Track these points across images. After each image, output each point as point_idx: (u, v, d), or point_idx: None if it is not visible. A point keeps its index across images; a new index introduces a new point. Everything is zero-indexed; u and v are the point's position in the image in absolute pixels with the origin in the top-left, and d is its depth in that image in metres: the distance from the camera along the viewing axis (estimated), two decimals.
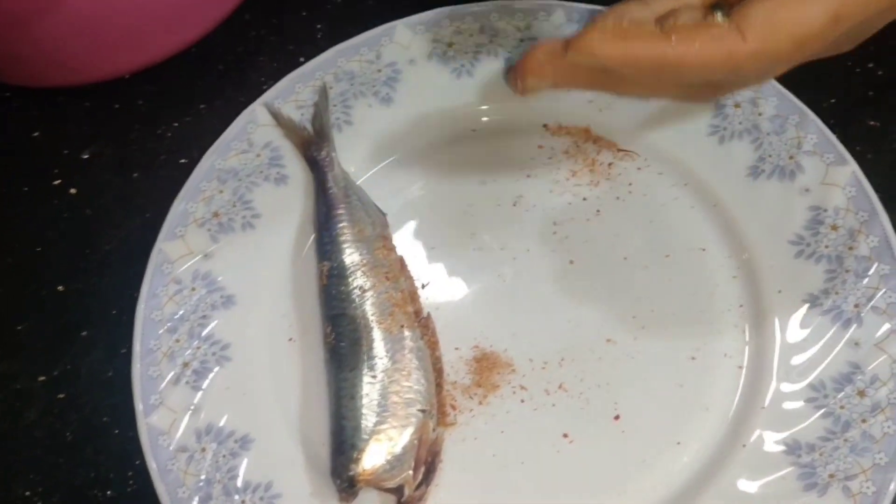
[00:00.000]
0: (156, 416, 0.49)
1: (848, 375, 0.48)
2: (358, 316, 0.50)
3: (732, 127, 0.55)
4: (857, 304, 0.49)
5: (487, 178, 0.57)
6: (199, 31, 0.61)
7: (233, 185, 0.55)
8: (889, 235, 0.50)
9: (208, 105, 0.62)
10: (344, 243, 0.52)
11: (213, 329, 0.52)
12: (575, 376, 0.50)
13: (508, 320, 0.52)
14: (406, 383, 0.48)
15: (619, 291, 0.53)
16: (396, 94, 0.58)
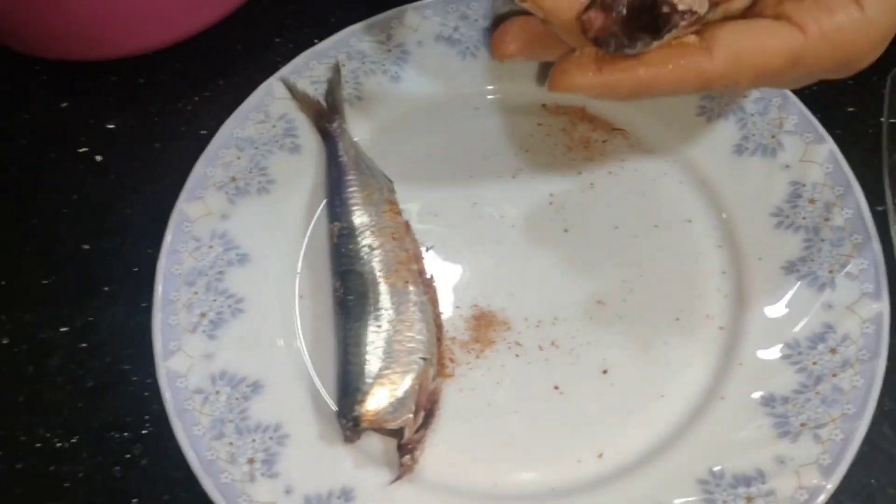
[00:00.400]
0: (174, 360, 0.52)
1: (821, 335, 0.51)
2: (366, 272, 0.53)
3: (719, 108, 0.59)
4: (831, 270, 0.52)
5: (489, 153, 0.60)
6: (220, 13, 0.65)
7: (250, 153, 0.59)
8: (862, 208, 0.53)
9: (227, 81, 0.65)
10: (354, 206, 0.55)
11: (229, 284, 0.55)
12: (567, 334, 0.54)
13: (506, 283, 0.56)
14: (409, 333, 0.51)
15: (610, 258, 0.56)
16: (405, 73, 0.62)
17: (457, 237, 0.57)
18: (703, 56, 0.38)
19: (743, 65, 0.39)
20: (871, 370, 0.49)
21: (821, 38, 0.39)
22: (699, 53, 0.39)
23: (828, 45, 0.39)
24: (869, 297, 0.51)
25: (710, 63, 0.38)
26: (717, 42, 0.39)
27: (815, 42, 0.39)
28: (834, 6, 0.39)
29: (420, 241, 0.57)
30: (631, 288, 0.55)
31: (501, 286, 0.56)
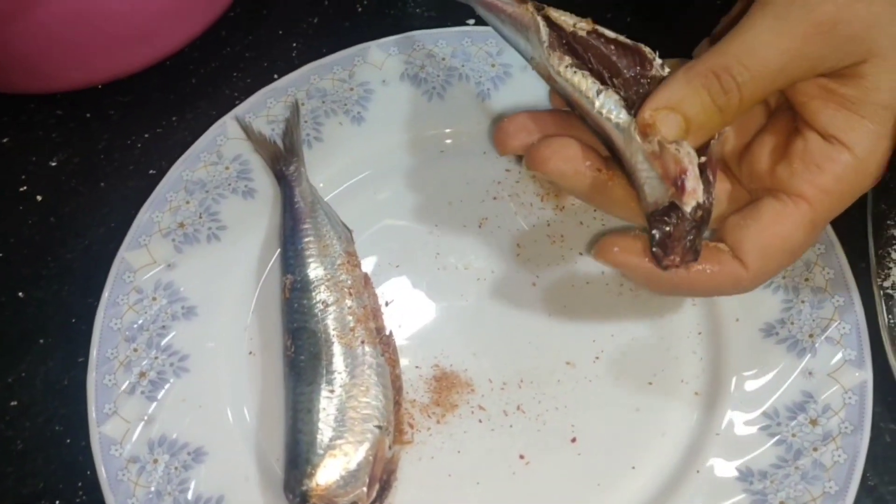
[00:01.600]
0: (109, 425, 0.48)
1: (801, 404, 0.48)
2: (319, 330, 0.49)
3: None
4: (811, 334, 0.50)
5: (454, 199, 0.57)
6: (175, 45, 0.61)
7: (200, 197, 0.55)
8: (844, 268, 0.51)
9: (180, 118, 0.62)
10: (309, 257, 0.52)
11: (172, 340, 0.51)
12: (533, 398, 0.51)
13: (469, 340, 0.52)
14: (364, 399, 0.48)
15: (580, 315, 0.53)
16: (368, 114, 0.59)
17: (418, 291, 0.54)
18: (736, 264, 0.42)
19: (771, 258, 0.42)
20: (854, 445, 0.46)
21: (825, 197, 0.41)
22: (732, 262, 0.42)
23: (833, 198, 0.41)
24: (851, 364, 0.48)
25: (744, 271, 0.41)
26: (744, 251, 0.41)
27: (821, 203, 0.41)
28: (822, 162, 0.41)
29: (379, 295, 0.53)
30: (601, 348, 0.52)
31: (465, 344, 0.52)
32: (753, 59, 0.40)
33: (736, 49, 0.40)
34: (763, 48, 0.39)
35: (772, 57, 0.39)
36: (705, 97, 0.40)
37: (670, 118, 0.40)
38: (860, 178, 0.41)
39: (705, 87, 0.40)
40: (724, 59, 0.40)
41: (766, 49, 0.39)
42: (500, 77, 0.59)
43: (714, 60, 0.40)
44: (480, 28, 0.61)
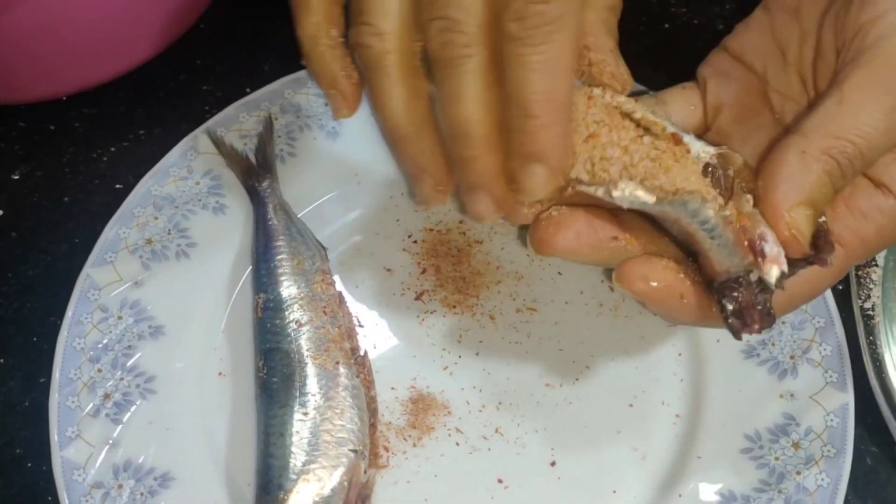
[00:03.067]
0: (72, 449, 0.46)
1: (783, 427, 0.48)
2: (292, 350, 0.48)
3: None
4: (792, 356, 0.49)
5: (432, 216, 0.56)
6: (143, 56, 0.60)
7: (169, 213, 0.54)
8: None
9: (148, 131, 0.60)
10: (282, 276, 0.50)
11: (139, 360, 0.49)
12: (512, 420, 0.50)
13: (446, 361, 0.51)
14: (339, 422, 0.46)
15: (560, 336, 0.52)
16: (343, 129, 0.58)
17: (394, 310, 0.53)
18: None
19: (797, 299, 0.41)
20: (837, 468, 0.46)
21: (862, 246, 0.40)
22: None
23: (868, 248, 0.41)
24: (833, 386, 0.48)
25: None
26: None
27: (856, 252, 0.41)
28: (869, 210, 0.40)
29: (353, 314, 0.52)
30: (581, 370, 0.51)
31: (441, 365, 0.51)
32: (866, 138, 0.38)
33: (847, 128, 0.38)
34: (875, 125, 0.38)
35: (884, 134, 0.38)
36: (827, 182, 0.38)
37: (808, 214, 0.38)
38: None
39: (826, 173, 0.38)
40: (837, 142, 0.38)
41: (878, 127, 0.38)
42: None
43: (827, 143, 0.38)
44: None
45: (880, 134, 0.38)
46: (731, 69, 0.46)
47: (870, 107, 0.38)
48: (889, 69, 0.38)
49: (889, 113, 0.38)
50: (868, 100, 0.38)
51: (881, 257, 0.51)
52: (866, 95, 0.38)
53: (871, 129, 0.38)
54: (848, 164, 0.38)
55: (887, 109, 0.38)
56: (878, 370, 0.49)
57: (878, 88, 0.38)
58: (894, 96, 0.38)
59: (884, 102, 0.38)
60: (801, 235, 0.38)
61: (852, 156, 0.38)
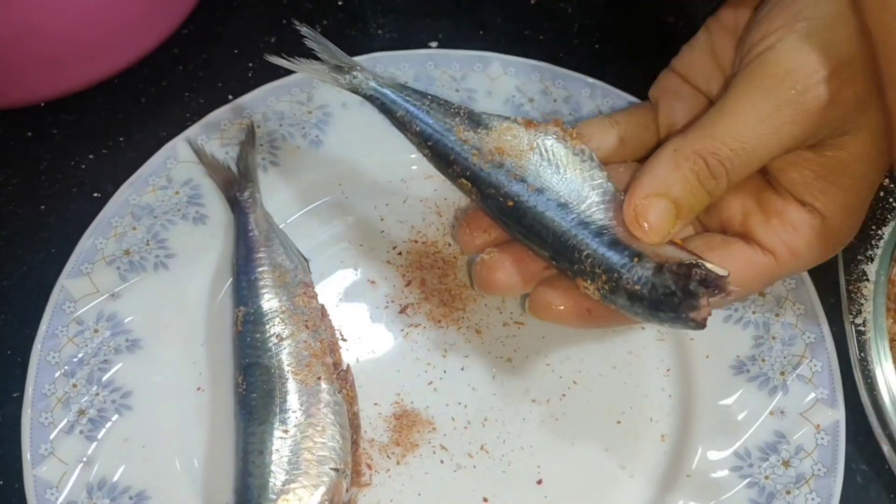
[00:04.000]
0: (44, 467, 0.45)
1: (773, 444, 0.47)
2: (273, 366, 0.47)
3: None
4: (782, 372, 0.48)
5: (416, 228, 0.55)
6: (124, 62, 0.58)
7: (147, 223, 0.52)
8: (815, 304, 0.50)
9: (127, 138, 0.59)
10: (262, 288, 0.49)
11: (115, 375, 0.48)
12: (498, 437, 0.48)
13: (431, 376, 0.50)
14: (320, 439, 0.45)
15: (547, 351, 0.51)
16: (326, 138, 0.57)
17: (377, 324, 0.52)
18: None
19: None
20: (827, 488, 0.45)
21: (793, 259, 0.42)
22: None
23: (800, 262, 0.42)
24: (823, 403, 0.47)
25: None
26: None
27: (788, 264, 0.42)
28: (799, 226, 0.42)
29: (336, 328, 0.51)
30: (568, 386, 0.50)
31: (426, 381, 0.50)
32: (741, 141, 0.39)
33: (723, 131, 0.39)
34: (751, 130, 0.39)
35: (760, 139, 0.39)
36: (694, 181, 0.40)
37: (661, 204, 0.40)
38: (830, 245, 0.42)
39: (694, 172, 0.40)
40: (711, 143, 0.39)
41: (754, 131, 0.39)
42: (465, 102, 0.58)
43: (701, 143, 0.40)
44: (443, 51, 0.60)
45: (757, 137, 0.39)
46: (680, 89, 0.48)
47: (746, 111, 0.39)
48: (766, 78, 0.39)
49: (766, 118, 0.39)
50: (745, 105, 0.39)
51: (872, 272, 0.50)
52: (744, 101, 0.40)
53: (748, 133, 0.39)
54: (718, 166, 0.39)
55: (763, 115, 0.39)
56: (869, 386, 0.48)
57: (756, 95, 0.39)
58: (771, 103, 0.39)
59: (760, 108, 0.39)
60: (643, 219, 0.39)
61: (724, 158, 0.39)
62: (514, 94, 0.58)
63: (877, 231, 0.51)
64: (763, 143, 0.39)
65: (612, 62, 0.61)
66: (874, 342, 0.49)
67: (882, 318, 0.49)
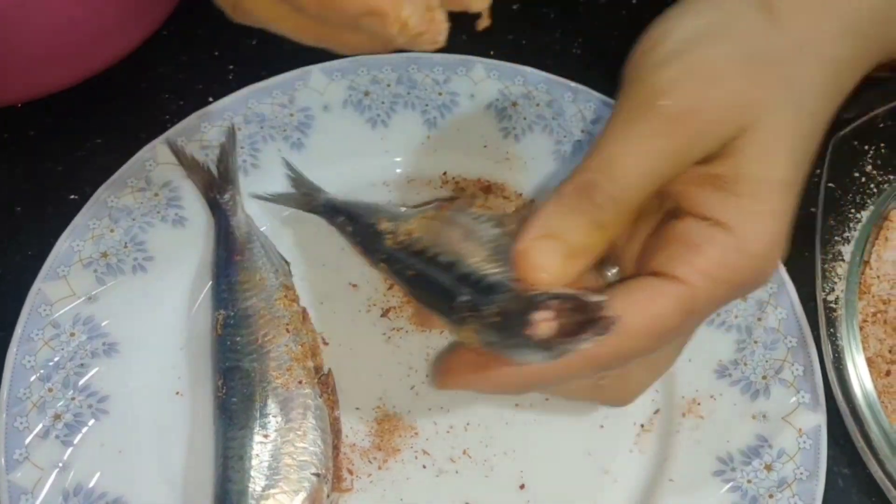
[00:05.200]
0: (19, 472, 0.44)
1: (755, 448, 0.47)
2: (253, 370, 0.46)
3: None
4: (765, 376, 0.49)
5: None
6: (102, 63, 0.58)
7: (125, 225, 0.52)
8: (796, 308, 0.50)
9: (105, 140, 0.58)
10: (243, 291, 0.49)
11: (92, 379, 0.47)
12: (480, 442, 0.48)
13: (413, 380, 0.50)
14: (300, 444, 0.44)
15: None
16: (308, 140, 0.56)
17: (360, 327, 0.51)
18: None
19: (638, 336, 0.36)
20: (810, 492, 0.45)
21: (705, 281, 0.36)
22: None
23: (717, 283, 0.36)
24: (805, 407, 0.47)
25: (601, 347, 0.35)
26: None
27: (702, 288, 0.36)
28: (701, 243, 0.36)
29: (318, 331, 0.50)
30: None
31: (408, 385, 0.50)
32: (618, 168, 0.36)
33: (598, 162, 0.37)
34: (624, 156, 0.36)
35: (636, 163, 0.36)
36: (580, 217, 0.36)
37: (548, 245, 0.36)
38: (748, 260, 0.36)
39: (577, 208, 0.36)
40: (588, 175, 0.37)
41: (629, 156, 0.36)
42: (447, 105, 0.57)
43: (579, 178, 0.37)
44: (426, 55, 0.59)
45: (634, 157, 0.36)
46: None
47: (622, 136, 0.37)
48: (640, 99, 0.37)
49: (639, 137, 0.36)
50: (620, 130, 0.37)
51: (847, 252, 0.51)
52: (619, 126, 0.37)
53: (624, 157, 0.36)
54: (604, 200, 0.36)
55: (636, 135, 0.36)
56: (836, 362, 0.48)
57: (630, 117, 0.37)
58: (643, 120, 0.36)
59: (633, 128, 0.37)
60: (531, 262, 0.36)
61: (605, 186, 0.36)
62: (497, 97, 0.58)
63: (856, 214, 0.53)
64: (641, 165, 0.36)
65: (594, 67, 0.62)
66: (845, 320, 0.49)
67: (854, 296, 0.50)
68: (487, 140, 0.57)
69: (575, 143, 0.56)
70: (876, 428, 0.46)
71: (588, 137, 0.56)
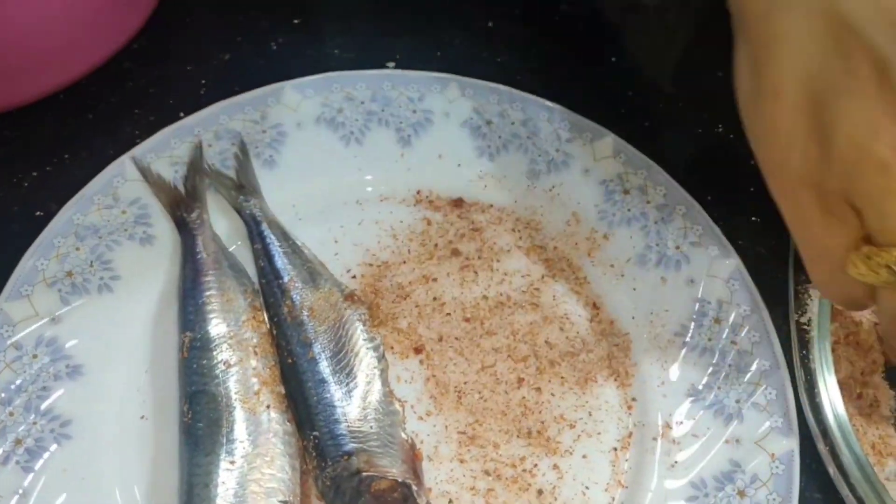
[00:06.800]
0: None
1: (729, 473, 0.46)
2: (220, 393, 0.45)
3: (621, 213, 0.54)
4: (738, 400, 0.48)
5: (373, 250, 0.54)
6: (71, 77, 0.57)
7: (92, 243, 0.51)
8: (769, 331, 0.50)
9: (73, 155, 0.57)
10: (210, 313, 0.48)
11: (54, 403, 0.46)
12: (450, 474, 0.47)
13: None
14: (268, 471, 0.43)
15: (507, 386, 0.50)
16: (280, 158, 0.55)
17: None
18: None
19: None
20: None
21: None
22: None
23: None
24: (778, 431, 0.47)
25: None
26: None
27: None
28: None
29: None
30: (524, 416, 0.49)
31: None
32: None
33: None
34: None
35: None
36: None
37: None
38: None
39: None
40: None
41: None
42: (422, 123, 0.57)
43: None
44: (401, 71, 0.59)
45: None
46: None
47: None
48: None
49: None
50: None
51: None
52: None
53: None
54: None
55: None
56: (808, 384, 0.48)
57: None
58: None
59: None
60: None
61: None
62: (471, 115, 0.57)
63: None
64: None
65: (567, 85, 0.61)
66: (817, 342, 0.49)
67: (826, 318, 0.50)
68: (461, 159, 0.57)
69: (549, 161, 0.56)
70: (847, 452, 0.46)
71: (563, 157, 0.56)
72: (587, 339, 0.52)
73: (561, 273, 0.54)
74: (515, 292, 0.53)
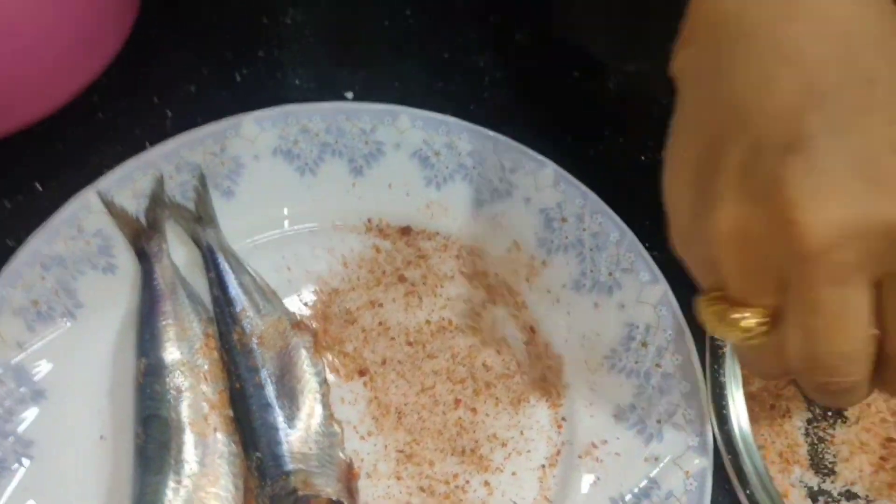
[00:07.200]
0: None
1: (646, 490, 0.49)
2: (171, 418, 0.49)
3: (559, 241, 0.57)
4: (659, 420, 0.51)
5: (322, 279, 0.57)
6: (42, 111, 0.60)
7: (57, 272, 0.54)
8: (692, 354, 0.53)
9: (43, 186, 0.60)
10: (165, 340, 0.51)
11: (18, 425, 0.50)
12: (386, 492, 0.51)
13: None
14: (212, 489, 0.47)
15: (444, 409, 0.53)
16: (238, 189, 0.58)
17: None
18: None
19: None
20: None
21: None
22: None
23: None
24: (694, 450, 0.50)
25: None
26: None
27: None
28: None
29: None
30: (459, 431, 0.52)
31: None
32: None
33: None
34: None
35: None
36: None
37: None
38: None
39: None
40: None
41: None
42: (373, 154, 0.60)
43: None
44: (355, 105, 0.62)
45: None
46: None
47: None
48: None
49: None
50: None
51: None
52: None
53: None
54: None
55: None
56: (717, 397, 0.51)
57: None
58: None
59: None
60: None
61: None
62: (421, 146, 0.60)
63: None
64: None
65: (520, 115, 0.64)
66: (728, 358, 0.52)
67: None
68: (410, 188, 0.60)
69: (493, 191, 0.59)
70: (749, 462, 0.49)
71: (507, 186, 0.59)
72: (522, 361, 0.55)
73: (501, 298, 0.57)
74: (457, 317, 0.56)
